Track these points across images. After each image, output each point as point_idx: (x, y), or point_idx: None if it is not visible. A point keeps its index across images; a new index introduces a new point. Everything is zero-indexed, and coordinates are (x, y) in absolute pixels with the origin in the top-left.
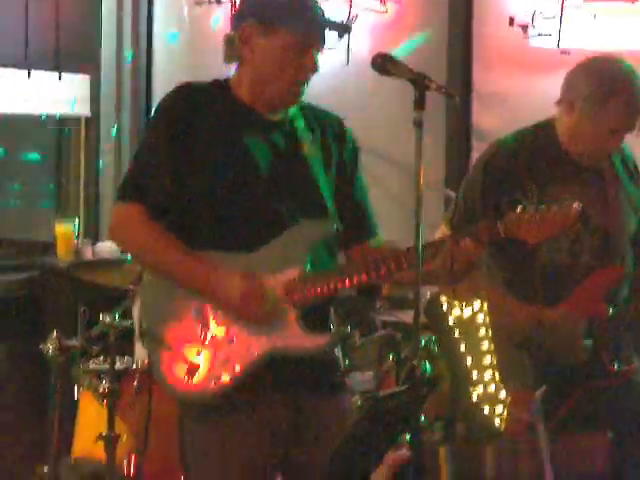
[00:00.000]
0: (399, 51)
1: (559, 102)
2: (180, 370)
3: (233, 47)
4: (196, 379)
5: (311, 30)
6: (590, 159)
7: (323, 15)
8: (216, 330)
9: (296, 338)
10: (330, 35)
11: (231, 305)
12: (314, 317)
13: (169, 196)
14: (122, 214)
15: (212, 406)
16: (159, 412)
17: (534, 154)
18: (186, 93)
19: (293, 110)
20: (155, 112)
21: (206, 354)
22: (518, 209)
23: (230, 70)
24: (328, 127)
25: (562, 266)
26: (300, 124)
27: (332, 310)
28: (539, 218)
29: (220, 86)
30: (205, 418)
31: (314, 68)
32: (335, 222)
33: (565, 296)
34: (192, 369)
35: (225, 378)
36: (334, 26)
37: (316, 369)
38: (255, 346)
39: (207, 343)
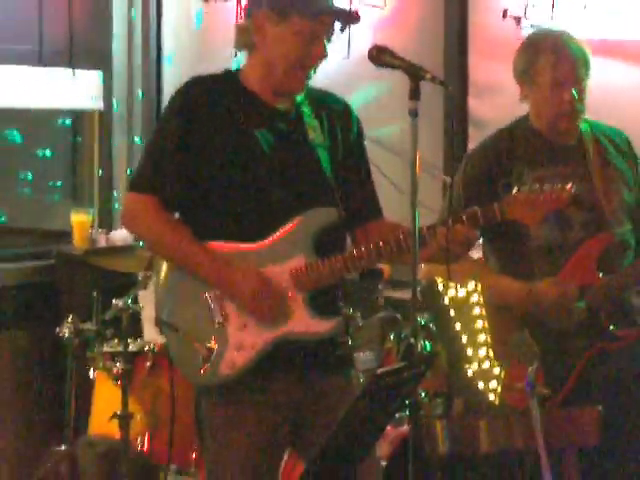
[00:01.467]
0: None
1: (520, 95)
2: (196, 356)
3: (246, 35)
4: (211, 364)
5: (322, 17)
6: (561, 131)
7: (333, 3)
8: (229, 318)
9: (305, 323)
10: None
11: (242, 301)
12: (322, 302)
13: (180, 188)
14: (136, 204)
15: (226, 387)
16: (171, 392)
17: (514, 144)
18: (196, 87)
19: (300, 97)
20: (167, 106)
21: (220, 341)
22: (513, 191)
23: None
24: (334, 111)
25: (554, 243)
26: (307, 110)
27: (340, 293)
28: (533, 198)
29: (230, 76)
30: (219, 397)
31: (323, 55)
32: (339, 209)
33: (559, 271)
34: (207, 355)
35: (239, 363)
36: (344, 15)
37: (325, 350)
38: (266, 332)
39: (221, 330)
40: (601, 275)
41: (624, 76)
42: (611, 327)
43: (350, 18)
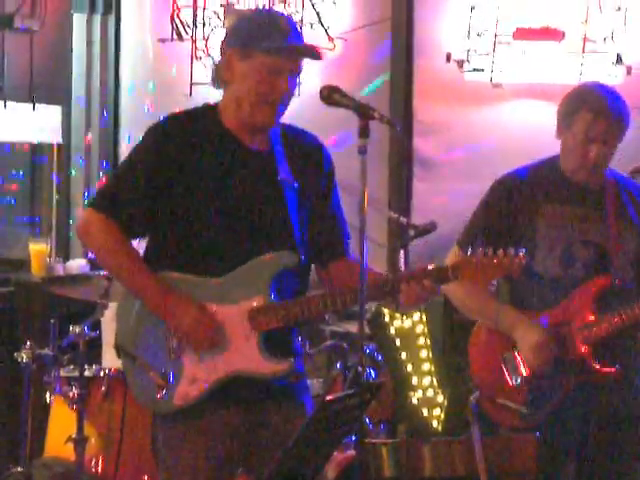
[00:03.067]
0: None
1: (556, 133)
2: (150, 385)
3: (219, 72)
4: (165, 394)
5: (284, 53)
6: (584, 176)
7: (299, 40)
8: (185, 351)
9: (256, 364)
10: None
11: (181, 330)
12: (276, 343)
13: (140, 215)
14: (92, 221)
15: (180, 412)
16: (125, 416)
17: (535, 178)
18: (171, 125)
19: (275, 133)
20: (142, 138)
21: (176, 372)
22: (468, 253)
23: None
24: (307, 150)
25: (554, 276)
26: (280, 149)
27: (296, 334)
28: (485, 263)
29: (209, 111)
30: (174, 421)
31: (285, 90)
32: (298, 254)
33: (557, 304)
34: (161, 385)
35: (191, 395)
36: (305, 51)
37: (277, 386)
38: (220, 367)
39: (176, 362)
40: (594, 315)
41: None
42: (595, 364)
43: (311, 55)
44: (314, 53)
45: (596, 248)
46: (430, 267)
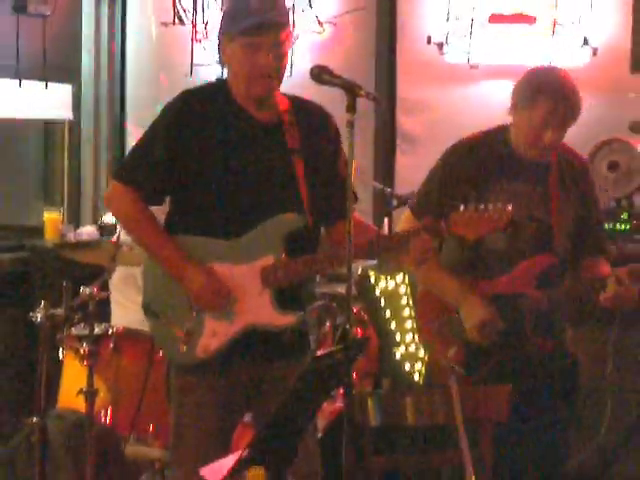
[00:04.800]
0: None
1: (509, 109)
2: (175, 339)
3: (220, 56)
4: (188, 348)
5: (256, 30)
6: (535, 154)
7: (270, 15)
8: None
9: (269, 316)
10: None
11: (191, 293)
12: (287, 298)
13: (160, 185)
14: (118, 192)
15: (193, 365)
16: (132, 370)
17: (486, 151)
18: (187, 101)
19: (283, 105)
20: (160, 113)
21: (197, 327)
22: (460, 208)
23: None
24: (314, 119)
25: (501, 250)
26: (289, 119)
27: (305, 290)
28: (477, 217)
29: (220, 87)
30: (185, 372)
31: (267, 64)
32: (306, 216)
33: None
34: (185, 339)
35: (212, 348)
36: (273, 25)
37: (285, 340)
38: (237, 321)
39: (198, 318)
40: (535, 289)
41: None
42: (532, 336)
43: (278, 26)
44: (280, 24)
45: (540, 223)
46: (427, 221)
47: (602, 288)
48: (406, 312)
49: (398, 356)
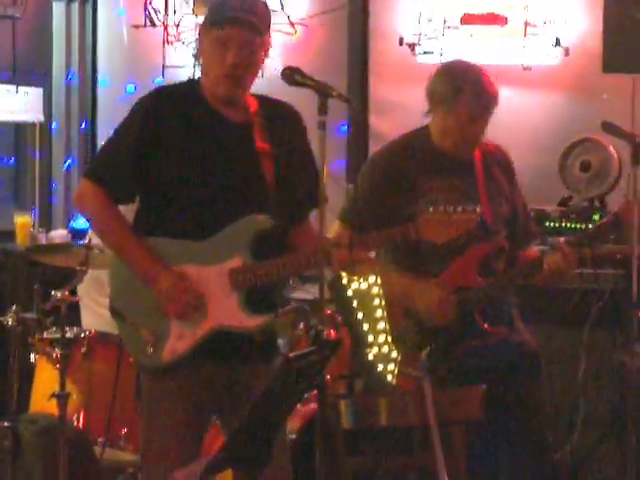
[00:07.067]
0: None
1: (427, 111)
2: (141, 341)
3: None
4: (155, 350)
5: (226, 24)
6: (461, 150)
7: (244, 14)
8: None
9: (237, 319)
10: None
11: (160, 296)
12: (256, 300)
13: (129, 184)
14: (87, 190)
15: (163, 369)
16: (104, 374)
17: (411, 152)
18: (157, 95)
19: (253, 105)
20: (130, 111)
21: (164, 330)
22: (430, 210)
23: None
24: (282, 116)
25: (435, 245)
26: (259, 120)
27: (276, 292)
28: (446, 220)
29: (191, 86)
30: (156, 374)
31: (233, 60)
32: (273, 218)
33: (440, 271)
34: (152, 342)
35: (179, 350)
36: (244, 23)
37: (253, 343)
38: (205, 323)
39: (165, 320)
40: (479, 278)
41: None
42: (485, 325)
43: (252, 28)
44: (254, 26)
45: None
46: (395, 229)
47: (540, 265)
48: (378, 313)
49: (371, 357)
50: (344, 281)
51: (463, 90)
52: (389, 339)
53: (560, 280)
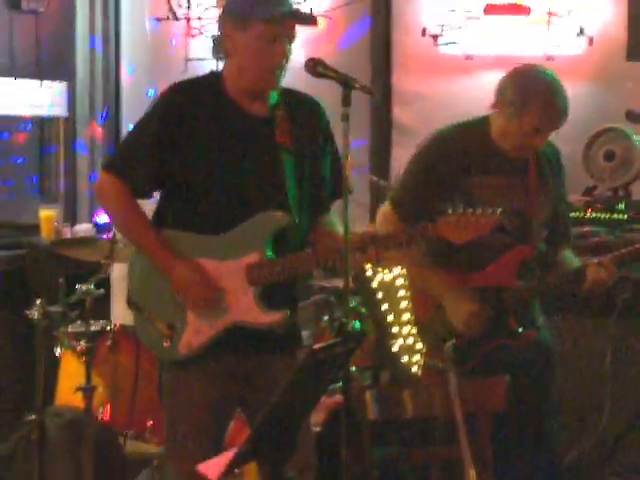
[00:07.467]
0: None
1: (493, 106)
2: (158, 334)
3: (221, 44)
4: (172, 344)
5: (278, 19)
6: (517, 153)
7: (290, 6)
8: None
9: (253, 314)
10: None
11: (176, 288)
12: (273, 296)
13: (149, 178)
14: (107, 183)
15: (182, 361)
16: (129, 367)
17: (467, 145)
18: (178, 93)
19: (275, 99)
20: (151, 106)
21: (180, 323)
22: (449, 211)
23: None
24: (304, 109)
25: (481, 241)
26: (280, 114)
27: (294, 288)
28: (464, 221)
29: (213, 79)
30: (176, 367)
31: (283, 55)
32: (295, 215)
33: (484, 268)
34: (168, 335)
35: (195, 344)
36: (301, 16)
37: (273, 335)
38: (221, 319)
39: (182, 314)
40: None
41: None
42: (519, 329)
43: (308, 20)
44: (309, 18)
45: (520, 216)
46: (416, 227)
47: (583, 276)
48: (403, 304)
49: (396, 349)
50: (369, 273)
51: (531, 102)
52: (414, 331)
53: (600, 291)
